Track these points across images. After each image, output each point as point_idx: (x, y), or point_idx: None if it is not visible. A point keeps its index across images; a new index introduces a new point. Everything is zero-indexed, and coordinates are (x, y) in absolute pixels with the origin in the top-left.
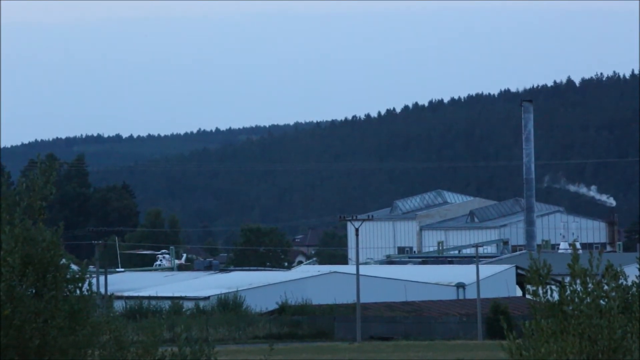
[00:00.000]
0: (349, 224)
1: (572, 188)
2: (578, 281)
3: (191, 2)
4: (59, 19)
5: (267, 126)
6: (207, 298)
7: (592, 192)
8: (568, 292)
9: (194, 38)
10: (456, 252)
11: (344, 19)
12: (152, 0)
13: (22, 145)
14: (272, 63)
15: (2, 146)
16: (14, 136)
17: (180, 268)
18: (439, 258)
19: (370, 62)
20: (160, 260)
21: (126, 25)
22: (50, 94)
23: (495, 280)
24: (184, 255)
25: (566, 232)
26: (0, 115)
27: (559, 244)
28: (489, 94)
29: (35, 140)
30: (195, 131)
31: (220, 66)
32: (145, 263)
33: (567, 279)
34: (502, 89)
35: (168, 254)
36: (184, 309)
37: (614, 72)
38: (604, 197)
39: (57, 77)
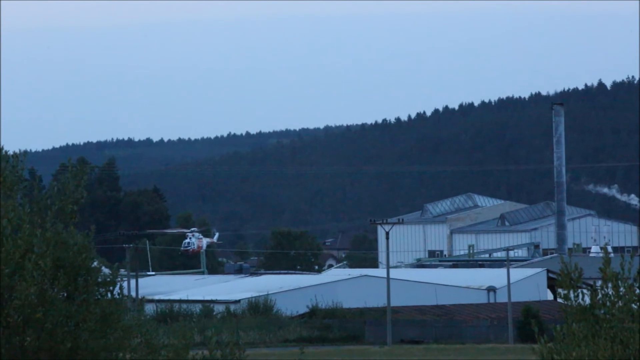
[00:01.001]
0: (379, 227)
1: (591, 188)
2: (610, 285)
3: (220, 4)
4: (91, 23)
5: (298, 130)
6: (237, 301)
7: (614, 192)
8: (600, 295)
9: (225, 42)
10: (487, 255)
11: (375, 21)
12: (182, 1)
13: (54, 149)
14: (303, 66)
15: (33, 150)
16: (45, 140)
17: (211, 247)
18: (470, 261)
19: (401, 65)
20: (190, 238)
21: (157, 30)
22: (81, 98)
23: (526, 283)
24: (216, 233)
25: (597, 235)
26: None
27: (590, 248)
28: (520, 97)
29: (67, 144)
30: (225, 135)
31: (251, 70)
32: (175, 240)
33: (599, 283)
34: (533, 92)
35: (198, 231)
36: (214, 313)
37: None
38: (624, 197)
39: (88, 81)
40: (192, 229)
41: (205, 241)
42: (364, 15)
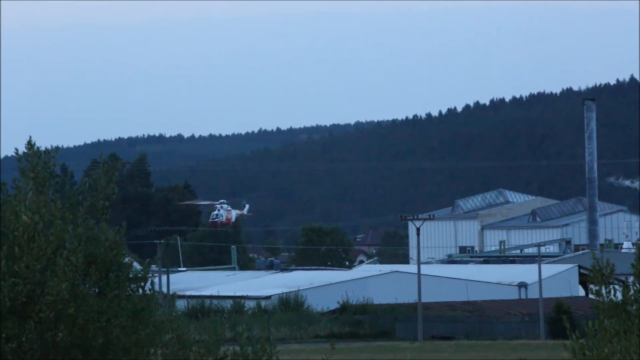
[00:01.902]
0: (410, 223)
1: (613, 180)
2: None
3: (259, 3)
4: (124, 21)
5: (328, 125)
6: (268, 297)
7: (637, 185)
8: (632, 291)
9: (254, 38)
10: (518, 251)
11: (406, 16)
12: (216, 0)
13: (85, 145)
14: (334, 62)
15: (65, 146)
16: (77, 136)
17: (241, 219)
18: (501, 257)
19: (431, 60)
20: (218, 210)
21: (186, 26)
22: (113, 95)
23: (558, 279)
24: (246, 205)
25: (629, 231)
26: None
27: (622, 244)
28: (551, 92)
29: (98, 140)
30: (256, 131)
31: (282, 66)
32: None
33: (631, 279)
34: (564, 88)
35: (226, 203)
36: (245, 308)
37: None
38: None
39: (119, 77)
40: (221, 200)
41: (234, 213)
42: (395, 10)
